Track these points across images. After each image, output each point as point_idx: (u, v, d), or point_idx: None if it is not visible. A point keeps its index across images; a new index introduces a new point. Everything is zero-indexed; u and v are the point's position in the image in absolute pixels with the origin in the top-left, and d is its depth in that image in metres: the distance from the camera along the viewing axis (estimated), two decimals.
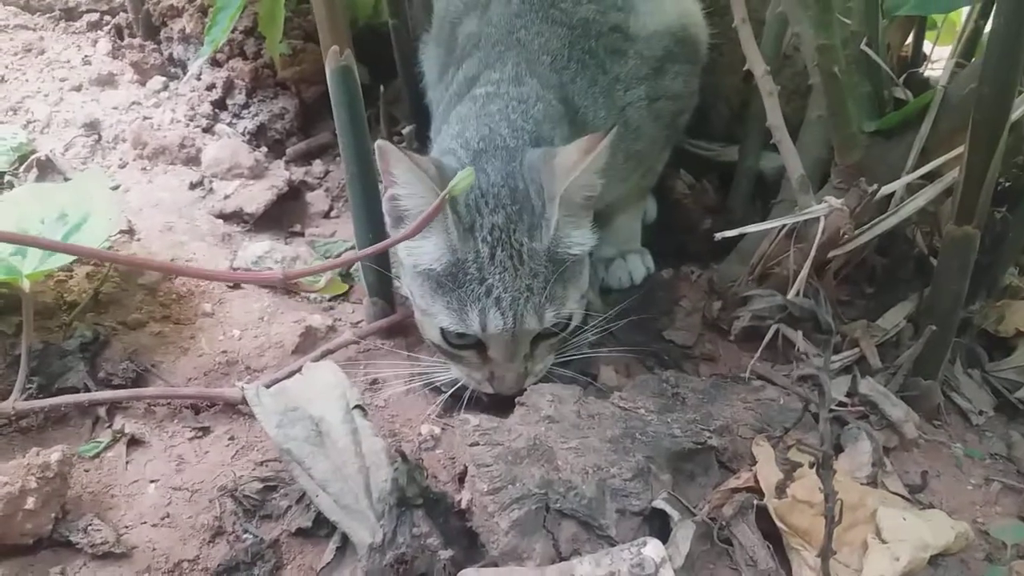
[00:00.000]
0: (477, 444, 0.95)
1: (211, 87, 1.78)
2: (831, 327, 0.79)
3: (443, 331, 1.07)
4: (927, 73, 1.59)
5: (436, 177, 1.01)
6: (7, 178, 1.50)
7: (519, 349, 1.06)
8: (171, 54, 1.89)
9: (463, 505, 0.92)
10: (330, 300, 1.35)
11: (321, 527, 0.94)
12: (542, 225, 1.03)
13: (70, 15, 2.01)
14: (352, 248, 1.37)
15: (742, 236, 1.26)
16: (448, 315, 1.05)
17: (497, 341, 1.05)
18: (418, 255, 1.06)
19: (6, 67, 1.81)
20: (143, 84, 1.84)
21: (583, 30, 1.23)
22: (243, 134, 1.73)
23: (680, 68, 1.32)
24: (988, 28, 1.11)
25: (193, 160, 1.64)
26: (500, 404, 1.09)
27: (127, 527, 0.94)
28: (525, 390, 1.07)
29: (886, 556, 0.90)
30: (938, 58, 1.68)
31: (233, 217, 1.52)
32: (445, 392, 1.13)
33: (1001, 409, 1.24)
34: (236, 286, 1.32)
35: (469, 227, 1.03)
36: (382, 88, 1.66)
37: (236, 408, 1.09)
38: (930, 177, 1.17)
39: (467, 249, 1.03)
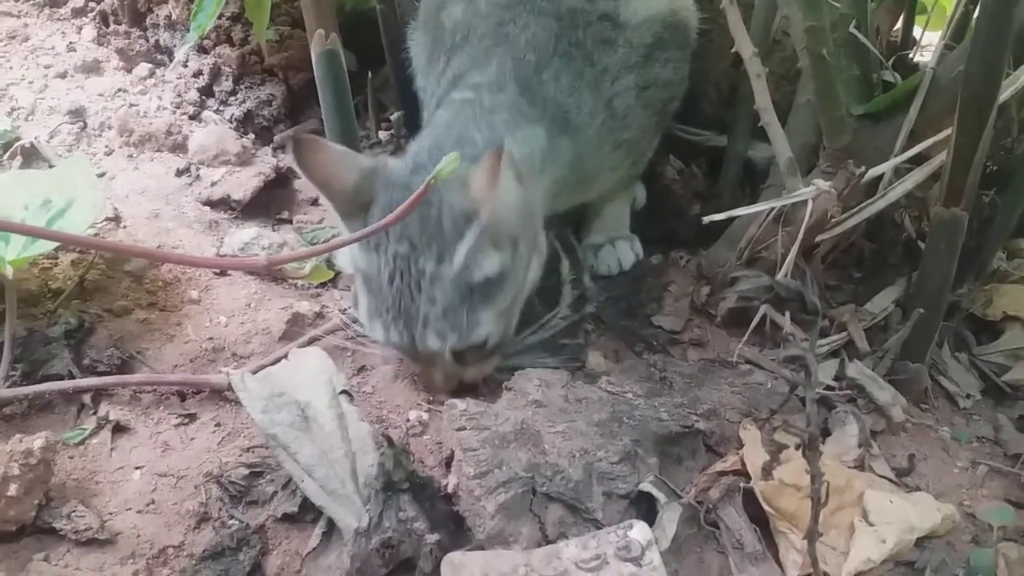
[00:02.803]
0: (464, 428, 0.95)
1: (198, 74, 1.77)
2: (818, 308, 0.79)
3: None
4: (917, 58, 1.60)
5: (345, 189, 1.02)
6: None
7: (436, 361, 1.06)
8: (157, 41, 1.87)
9: (450, 489, 0.92)
10: (317, 287, 1.34)
11: (307, 512, 0.93)
12: (453, 251, 0.99)
13: (55, 2, 2.00)
14: (338, 234, 1.36)
15: (730, 222, 1.26)
16: (364, 318, 1.06)
17: (408, 354, 1.07)
18: (339, 252, 1.08)
19: None
20: (129, 71, 1.83)
21: (571, 20, 1.21)
22: (230, 121, 1.72)
23: (670, 55, 1.31)
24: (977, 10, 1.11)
25: (180, 147, 1.63)
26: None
27: (111, 513, 0.93)
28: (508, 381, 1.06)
29: (873, 538, 0.90)
30: (928, 43, 1.68)
31: (220, 204, 1.51)
32: None
33: (988, 393, 1.24)
34: (223, 273, 1.31)
35: (375, 247, 1.02)
36: (370, 75, 1.65)
37: (222, 395, 1.09)
38: (918, 161, 1.17)
39: (371, 266, 1.03)
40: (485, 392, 1.11)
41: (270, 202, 1.56)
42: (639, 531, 0.85)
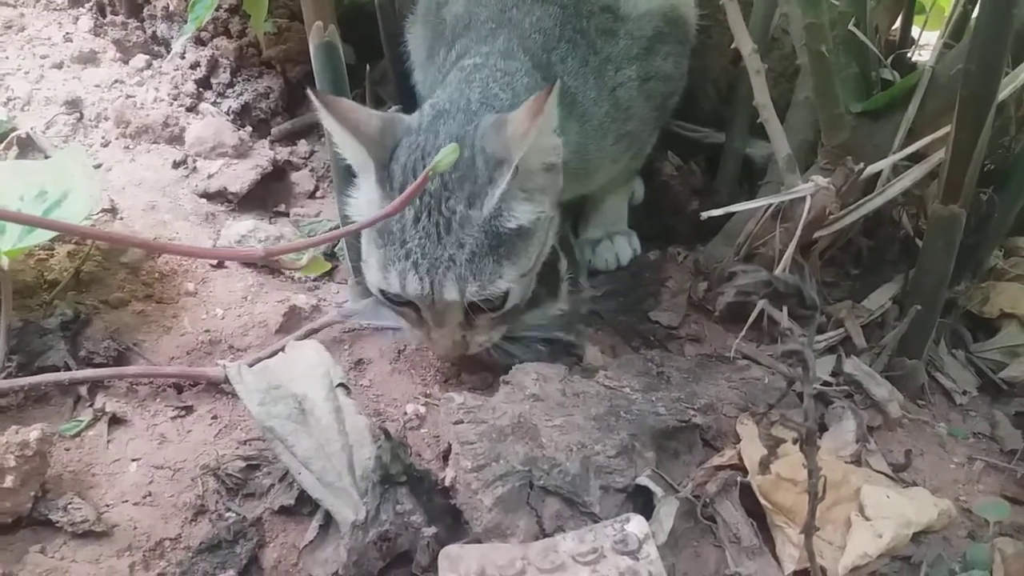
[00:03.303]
0: (461, 422, 0.95)
1: (195, 66, 1.76)
2: (815, 303, 0.79)
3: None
4: (915, 57, 1.60)
5: (373, 133, 1.00)
6: None
7: (448, 317, 1.03)
8: (154, 32, 1.86)
9: (447, 483, 0.92)
10: (315, 280, 1.34)
11: (304, 505, 0.93)
12: (485, 194, 0.98)
13: None
14: (336, 227, 1.36)
15: (728, 218, 1.26)
16: (376, 271, 1.03)
17: (423, 305, 1.02)
18: (351, 205, 1.05)
19: None
20: (126, 62, 1.82)
21: (574, 9, 1.22)
22: (227, 113, 1.71)
23: (670, 48, 1.32)
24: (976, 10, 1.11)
25: (176, 139, 1.62)
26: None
27: (108, 506, 0.93)
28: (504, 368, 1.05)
29: (869, 533, 0.90)
30: (926, 42, 1.68)
31: (217, 197, 1.51)
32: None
33: (985, 389, 1.24)
34: (220, 265, 1.31)
35: (400, 188, 0.99)
36: (368, 68, 1.64)
37: (219, 387, 1.09)
38: (916, 159, 1.17)
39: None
40: (480, 387, 1.12)
41: (267, 195, 1.55)
42: (636, 525, 0.85)
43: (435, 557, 0.84)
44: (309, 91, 1.01)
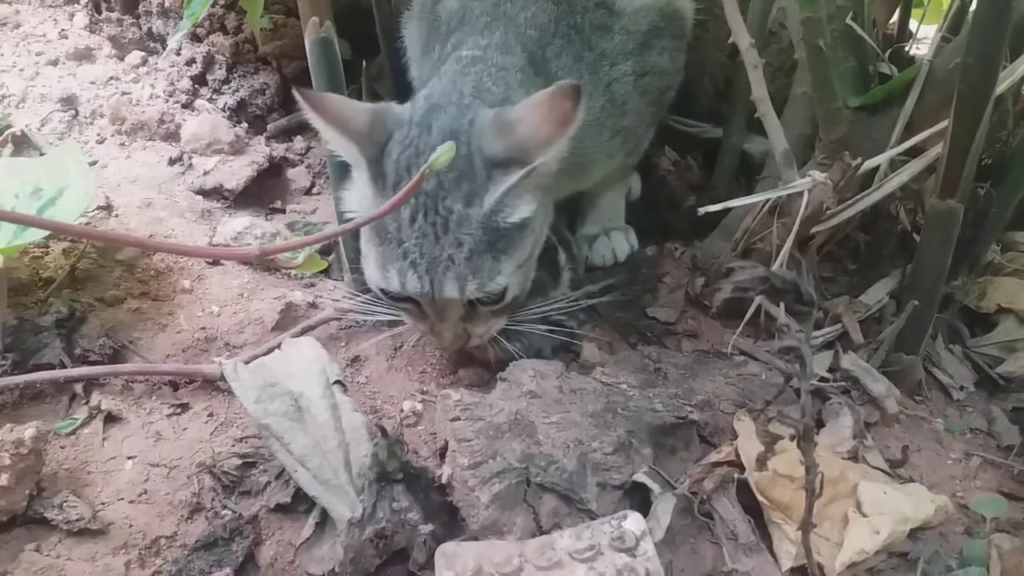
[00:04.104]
0: (458, 419, 0.95)
1: (191, 62, 1.75)
2: (813, 298, 0.79)
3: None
4: (913, 51, 1.59)
5: (362, 128, 0.99)
6: None
7: (449, 312, 1.02)
8: (150, 28, 1.86)
9: (444, 480, 0.92)
10: (310, 277, 1.34)
11: (300, 503, 0.93)
12: (483, 194, 0.97)
13: None
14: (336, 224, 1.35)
15: (726, 213, 1.26)
16: (375, 269, 1.02)
17: (424, 301, 1.02)
18: (346, 200, 1.04)
19: None
20: (121, 59, 1.81)
21: (568, 5, 1.21)
22: (223, 110, 1.71)
23: (666, 43, 1.31)
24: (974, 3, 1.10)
25: (172, 136, 1.62)
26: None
27: (104, 504, 0.93)
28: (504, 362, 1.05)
29: (866, 529, 0.90)
30: (924, 36, 1.67)
31: (213, 193, 1.50)
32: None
33: (982, 385, 1.24)
34: (216, 262, 1.30)
35: (395, 185, 0.98)
36: (364, 64, 1.64)
37: (215, 384, 1.08)
38: (914, 153, 1.17)
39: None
40: (481, 383, 1.11)
41: (263, 191, 1.55)
42: (633, 522, 0.85)
43: (432, 554, 0.84)
44: (295, 90, 1.00)
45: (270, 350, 1.10)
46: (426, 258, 0.97)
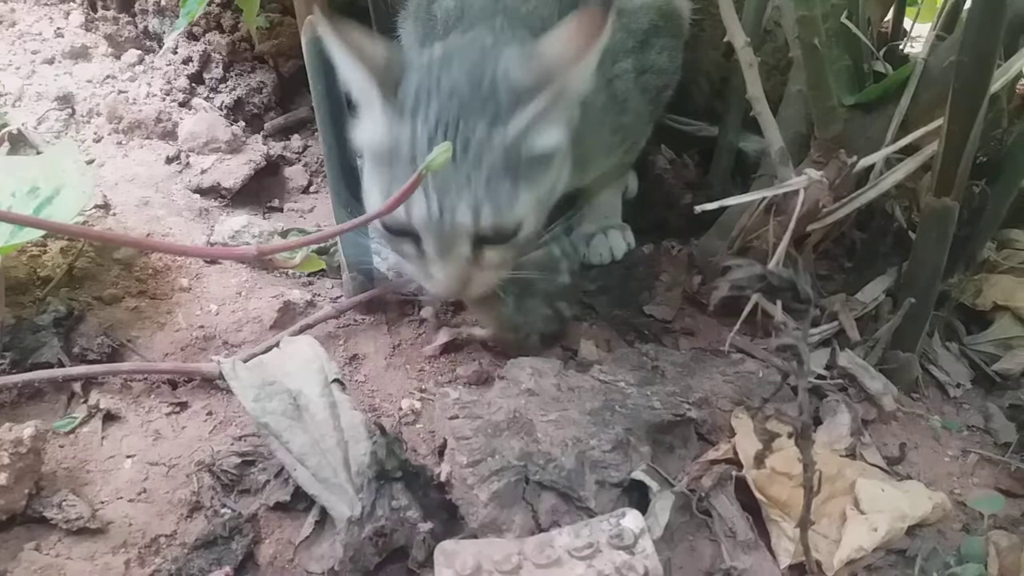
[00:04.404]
0: (457, 417, 0.95)
1: (187, 61, 1.75)
2: (810, 296, 0.79)
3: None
4: (907, 49, 1.60)
5: (379, 60, 0.96)
6: None
7: (454, 245, 0.96)
8: (146, 27, 1.85)
9: (442, 478, 0.92)
10: (308, 275, 1.34)
11: (299, 501, 0.93)
12: (508, 119, 0.93)
13: None
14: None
15: (722, 211, 1.26)
16: (378, 197, 0.98)
17: (427, 233, 0.95)
18: (356, 138, 1.02)
19: None
20: (118, 57, 1.81)
21: (571, 1, 1.21)
22: (220, 108, 1.70)
23: (665, 42, 1.32)
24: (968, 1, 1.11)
25: (169, 134, 1.61)
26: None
27: (103, 502, 0.93)
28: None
29: (864, 526, 0.91)
30: (918, 34, 1.68)
31: (210, 192, 1.50)
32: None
33: (978, 382, 1.24)
34: (213, 261, 1.30)
35: (412, 111, 0.95)
36: None
37: (213, 383, 1.08)
38: (909, 151, 1.17)
39: (402, 133, 0.95)
40: (476, 382, 1.12)
41: (260, 190, 1.55)
42: (632, 519, 0.85)
43: (431, 552, 0.84)
44: (318, 12, 0.96)
45: (268, 348, 1.10)
46: (439, 177, 0.91)
